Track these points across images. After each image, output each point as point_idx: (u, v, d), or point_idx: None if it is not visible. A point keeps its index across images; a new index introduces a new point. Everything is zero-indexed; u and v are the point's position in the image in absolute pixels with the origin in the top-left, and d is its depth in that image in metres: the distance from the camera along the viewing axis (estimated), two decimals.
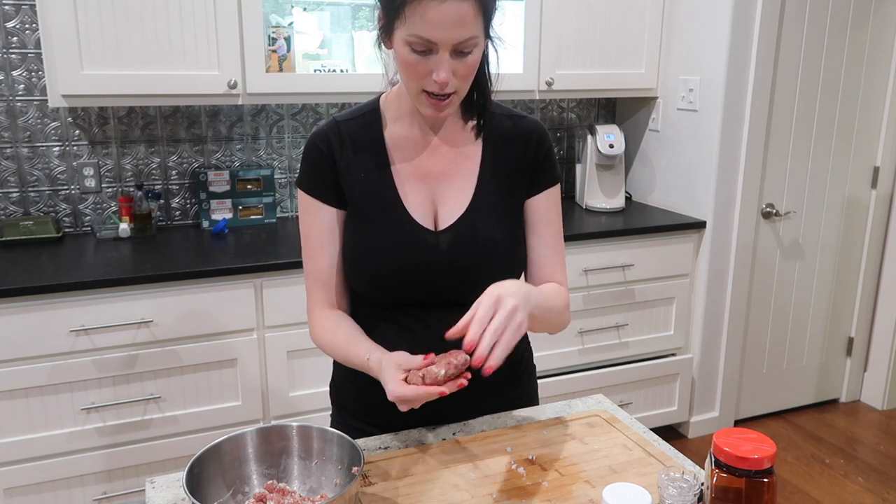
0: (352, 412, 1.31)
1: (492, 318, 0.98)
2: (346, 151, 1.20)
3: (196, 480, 0.93)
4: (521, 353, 1.34)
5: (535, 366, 1.40)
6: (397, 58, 1.09)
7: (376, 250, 1.18)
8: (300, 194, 1.22)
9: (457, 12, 1.01)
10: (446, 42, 1.03)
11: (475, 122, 1.23)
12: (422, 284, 1.19)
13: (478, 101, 1.20)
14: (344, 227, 1.23)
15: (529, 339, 1.36)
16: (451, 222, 1.19)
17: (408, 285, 1.19)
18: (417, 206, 1.19)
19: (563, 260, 1.29)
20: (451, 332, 0.99)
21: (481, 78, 1.17)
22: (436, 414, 1.25)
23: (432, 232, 1.19)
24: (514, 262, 1.24)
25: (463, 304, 1.21)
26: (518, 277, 1.27)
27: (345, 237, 1.22)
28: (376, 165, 1.20)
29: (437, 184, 1.21)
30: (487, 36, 1.10)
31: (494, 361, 0.96)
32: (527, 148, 1.24)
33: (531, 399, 1.37)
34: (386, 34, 1.09)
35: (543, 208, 1.26)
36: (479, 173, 1.22)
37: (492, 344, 0.96)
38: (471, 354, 0.96)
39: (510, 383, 1.31)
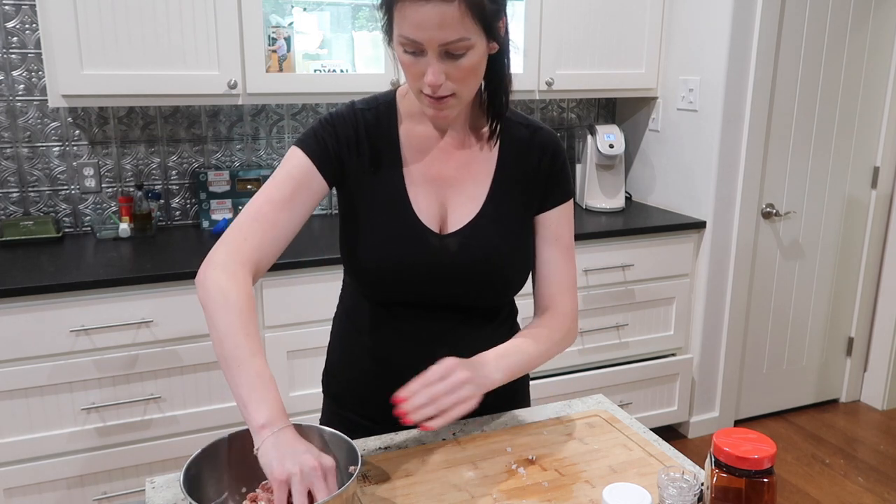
0: (345, 404, 1.30)
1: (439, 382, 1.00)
2: (361, 143, 1.18)
3: (193, 480, 0.93)
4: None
5: None
6: (397, 57, 1.09)
7: (378, 246, 1.17)
8: (297, 152, 1.14)
9: (439, 14, 0.98)
10: (431, 43, 1.01)
11: (490, 127, 1.20)
12: (422, 286, 1.18)
13: (492, 105, 1.17)
14: (343, 216, 1.21)
15: None
16: (459, 227, 1.18)
17: (408, 284, 1.18)
18: (426, 208, 1.18)
19: (572, 278, 1.25)
20: (398, 394, 1.00)
21: (497, 82, 1.15)
22: None
23: (438, 235, 1.17)
24: (516, 274, 1.22)
25: (464, 308, 1.21)
26: (519, 288, 1.25)
27: (347, 230, 1.21)
28: (388, 162, 1.18)
29: (449, 187, 1.19)
30: (493, 38, 1.06)
31: (436, 424, 0.98)
32: (541, 160, 1.21)
33: (523, 399, 1.36)
34: (387, 34, 1.09)
35: (554, 224, 1.23)
36: (492, 180, 1.20)
37: (425, 402, 0.98)
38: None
39: (505, 386, 1.31)
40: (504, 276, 1.20)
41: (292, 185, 1.12)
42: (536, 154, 1.21)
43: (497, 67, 1.14)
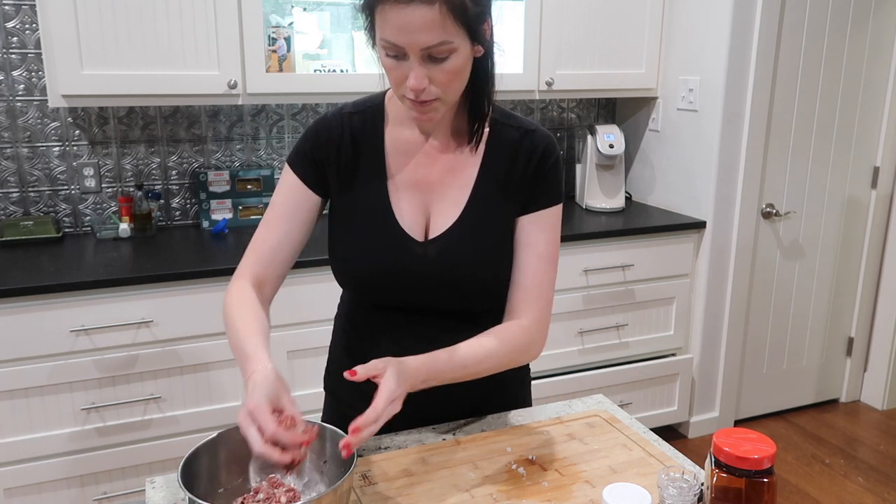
0: (345, 401, 1.30)
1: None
2: (345, 150, 1.18)
3: (191, 476, 0.93)
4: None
5: (529, 367, 1.39)
6: (380, 61, 1.08)
7: (361, 254, 1.17)
8: (287, 170, 1.20)
9: (420, 17, 0.97)
10: (412, 47, 0.99)
11: (471, 130, 1.18)
12: (406, 292, 1.18)
13: (474, 108, 1.16)
14: (330, 220, 1.22)
15: None
16: (439, 234, 1.17)
17: (392, 291, 1.18)
18: (408, 214, 1.17)
19: (540, 288, 1.18)
20: (354, 423, 0.97)
21: (479, 84, 1.13)
22: (431, 414, 1.24)
23: (419, 242, 1.17)
24: (497, 279, 1.20)
25: (455, 311, 1.20)
26: (501, 293, 1.22)
27: (333, 235, 1.22)
28: (372, 168, 1.18)
29: (432, 192, 1.18)
30: (477, 42, 1.05)
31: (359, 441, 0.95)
32: (529, 162, 1.18)
33: (523, 399, 1.36)
34: (370, 37, 1.08)
35: (528, 228, 1.18)
36: (474, 184, 1.18)
37: (374, 431, 0.96)
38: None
39: (506, 386, 1.30)
40: (485, 281, 1.18)
41: (283, 202, 1.20)
42: (525, 155, 1.18)
43: (481, 70, 1.12)
